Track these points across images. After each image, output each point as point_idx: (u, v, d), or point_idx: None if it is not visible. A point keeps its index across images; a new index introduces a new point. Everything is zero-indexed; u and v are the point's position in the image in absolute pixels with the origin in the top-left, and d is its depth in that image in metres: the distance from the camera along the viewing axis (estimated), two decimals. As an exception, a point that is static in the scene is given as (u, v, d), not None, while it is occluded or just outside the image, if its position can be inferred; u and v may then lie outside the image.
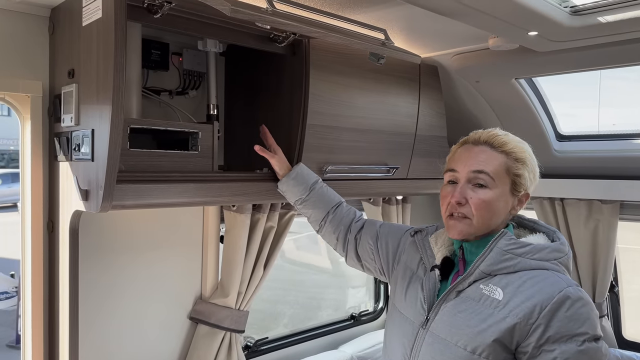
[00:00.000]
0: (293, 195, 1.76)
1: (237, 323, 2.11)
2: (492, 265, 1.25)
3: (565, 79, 2.52)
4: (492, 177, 1.28)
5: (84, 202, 1.48)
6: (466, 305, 1.26)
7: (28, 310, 1.71)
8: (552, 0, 1.55)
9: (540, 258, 1.24)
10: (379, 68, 2.08)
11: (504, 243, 1.25)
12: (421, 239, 1.47)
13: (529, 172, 1.32)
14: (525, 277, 1.22)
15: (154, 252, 1.97)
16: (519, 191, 1.32)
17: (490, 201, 1.28)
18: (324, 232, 1.75)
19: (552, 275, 1.21)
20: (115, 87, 1.35)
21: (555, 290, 1.17)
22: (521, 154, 1.32)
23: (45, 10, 1.67)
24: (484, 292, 1.24)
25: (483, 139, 1.33)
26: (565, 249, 1.28)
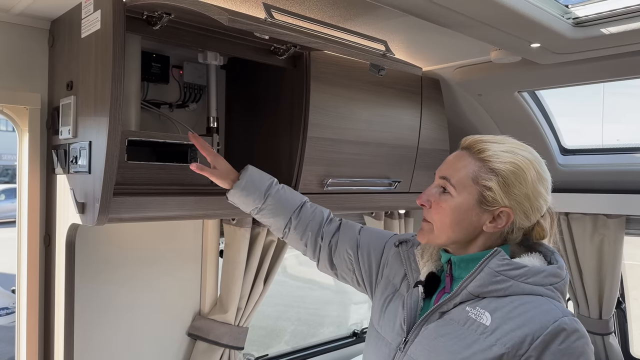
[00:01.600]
0: (246, 207, 1.53)
1: (237, 340, 2.07)
2: (482, 286, 1.12)
3: (569, 95, 2.51)
4: (453, 185, 1.17)
5: (81, 215, 1.46)
6: (449, 329, 1.14)
7: (23, 325, 1.68)
8: (554, 12, 1.53)
9: (535, 282, 1.11)
10: (381, 81, 2.07)
11: (496, 263, 1.12)
12: (406, 250, 1.34)
13: (503, 186, 1.14)
14: (517, 303, 1.09)
15: (152, 267, 1.94)
16: (489, 205, 1.15)
17: (449, 209, 1.17)
18: (290, 239, 1.56)
19: (547, 303, 1.09)
20: (112, 98, 1.33)
21: (549, 319, 1.05)
22: (499, 164, 1.14)
23: (45, 22, 1.67)
24: (470, 315, 1.12)
25: (467, 143, 1.22)
26: (563, 273, 1.16)
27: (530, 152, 1.19)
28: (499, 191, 1.14)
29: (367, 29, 1.73)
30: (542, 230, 1.21)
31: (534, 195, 1.15)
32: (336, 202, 1.99)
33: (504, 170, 1.14)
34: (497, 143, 1.18)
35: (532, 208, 1.16)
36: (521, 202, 1.15)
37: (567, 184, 2.54)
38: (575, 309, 2.75)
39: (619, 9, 1.51)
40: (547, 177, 1.19)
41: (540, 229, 1.21)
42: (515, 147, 1.18)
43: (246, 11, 1.59)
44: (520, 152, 1.17)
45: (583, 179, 2.50)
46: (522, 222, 1.18)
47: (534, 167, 1.16)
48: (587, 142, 2.59)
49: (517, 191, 1.14)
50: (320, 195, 1.91)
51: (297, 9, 1.56)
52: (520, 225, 1.19)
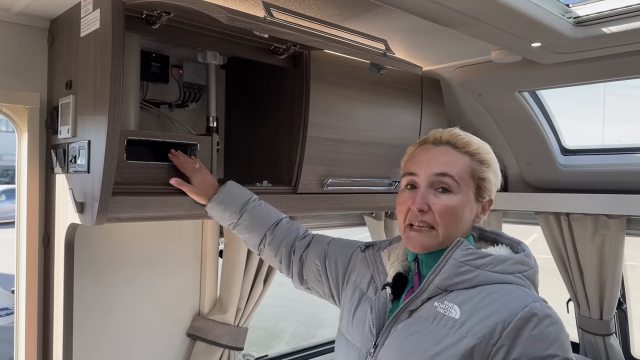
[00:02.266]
0: (223, 221, 1.55)
1: (236, 340, 2.06)
2: (448, 279, 1.09)
3: (570, 96, 2.50)
4: (456, 181, 1.13)
5: (80, 214, 1.45)
6: (419, 327, 1.09)
7: (22, 325, 1.67)
8: (555, 11, 1.53)
9: (502, 271, 1.09)
10: (381, 80, 2.06)
11: (460, 254, 1.09)
12: (372, 254, 1.30)
13: (494, 175, 1.19)
14: (485, 293, 1.06)
15: (151, 267, 1.94)
16: (483, 197, 1.18)
17: (455, 208, 1.13)
18: (265, 256, 1.56)
19: (516, 290, 1.06)
20: (111, 98, 1.33)
21: (519, 306, 1.02)
22: (486, 155, 1.18)
23: (44, 22, 1.67)
24: (439, 310, 1.08)
25: (445, 139, 1.18)
26: (531, 261, 1.14)
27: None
28: (492, 181, 1.18)
29: (367, 28, 1.72)
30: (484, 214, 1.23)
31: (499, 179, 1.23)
32: (336, 202, 1.98)
33: (492, 161, 1.19)
34: (470, 135, 1.22)
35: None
36: (497, 187, 1.22)
37: (567, 184, 2.53)
38: (576, 309, 2.74)
39: (620, 8, 1.50)
40: None
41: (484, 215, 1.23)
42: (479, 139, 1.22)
43: (246, 10, 1.59)
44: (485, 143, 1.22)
45: (584, 179, 2.49)
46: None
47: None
48: (588, 143, 2.58)
49: (497, 179, 1.21)
50: (321, 195, 1.91)
51: (297, 8, 1.56)
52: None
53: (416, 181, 1.16)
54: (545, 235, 2.68)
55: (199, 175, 1.53)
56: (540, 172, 2.60)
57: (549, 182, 2.60)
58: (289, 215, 2.16)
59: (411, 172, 1.18)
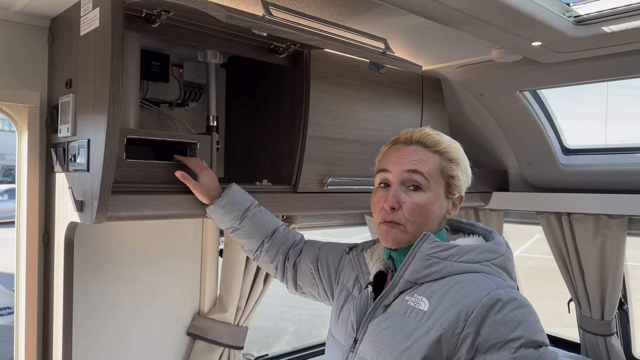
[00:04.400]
0: (222, 224, 1.57)
1: (236, 339, 2.06)
2: (416, 272, 1.13)
3: (571, 96, 2.50)
4: (426, 178, 1.17)
5: (79, 213, 1.46)
6: (391, 321, 1.13)
7: (22, 324, 1.68)
8: (555, 10, 1.52)
9: (468, 260, 1.12)
10: (381, 80, 2.06)
11: (426, 247, 1.13)
12: (356, 255, 1.35)
13: (462, 172, 1.22)
14: (452, 283, 1.09)
15: (152, 266, 1.94)
16: (453, 194, 1.22)
17: (424, 205, 1.17)
18: (261, 262, 1.59)
19: (481, 278, 1.09)
20: (111, 96, 1.33)
21: (482, 293, 1.05)
22: (455, 153, 1.22)
23: (44, 21, 1.67)
24: (409, 303, 1.12)
25: (415, 138, 1.22)
26: (501, 249, 1.16)
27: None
28: (461, 178, 1.22)
29: (367, 27, 1.72)
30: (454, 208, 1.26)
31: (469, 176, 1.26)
32: (336, 202, 1.98)
33: (461, 160, 1.23)
34: (440, 134, 1.25)
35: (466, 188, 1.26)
36: (467, 184, 1.25)
37: (568, 183, 2.52)
38: (577, 309, 2.73)
39: (621, 7, 1.50)
40: None
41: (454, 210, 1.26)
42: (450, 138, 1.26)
43: (245, 9, 1.59)
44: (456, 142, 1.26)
45: (585, 178, 2.49)
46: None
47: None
48: (591, 143, 2.58)
49: (468, 177, 1.25)
50: (321, 194, 1.91)
51: (297, 7, 1.56)
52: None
53: (388, 178, 1.21)
54: (546, 235, 2.68)
55: (207, 173, 1.54)
56: (541, 171, 2.60)
57: (550, 181, 2.59)
58: (287, 215, 2.18)
59: (384, 169, 1.23)
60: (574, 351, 2.74)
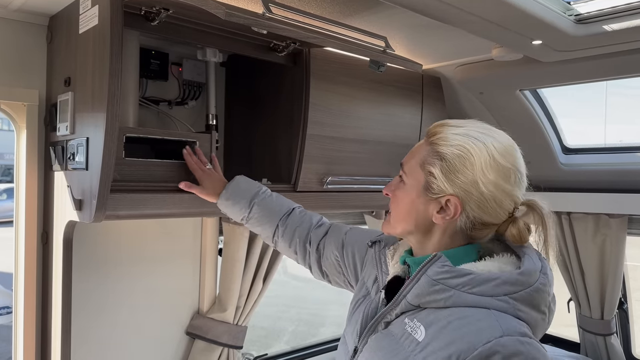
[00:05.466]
0: (234, 216, 1.53)
1: (235, 339, 2.06)
2: (420, 296, 0.99)
3: (570, 95, 2.49)
4: (405, 172, 1.09)
5: (78, 212, 1.45)
6: (387, 342, 1.03)
7: (20, 323, 1.67)
8: (556, 8, 1.51)
9: (481, 292, 0.95)
10: (381, 78, 2.05)
11: (434, 270, 0.98)
12: (378, 251, 1.23)
13: (446, 172, 1.02)
14: (455, 317, 0.94)
15: (151, 265, 1.93)
16: (434, 193, 1.03)
17: (399, 197, 1.09)
18: (280, 247, 1.50)
19: (489, 317, 0.92)
20: (110, 94, 1.32)
21: (481, 339, 0.89)
22: (444, 148, 1.03)
23: (43, 18, 1.66)
24: (407, 328, 1.00)
25: (428, 129, 1.11)
26: (529, 279, 0.96)
27: (492, 136, 1.04)
28: (440, 177, 1.03)
29: (367, 25, 1.71)
30: (517, 231, 1.03)
31: (486, 184, 1.00)
32: (336, 201, 1.98)
33: (448, 154, 1.02)
34: (456, 126, 1.06)
35: (486, 200, 1.01)
36: (469, 191, 1.01)
37: (569, 183, 2.52)
38: (577, 309, 2.73)
39: (621, 5, 1.49)
40: (512, 167, 1.03)
41: (514, 230, 1.03)
42: (473, 130, 1.04)
43: (244, 7, 1.58)
44: (476, 134, 1.03)
45: (585, 178, 2.48)
46: (481, 216, 1.03)
47: (489, 151, 1.01)
48: (590, 143, 2.57)
49: (462, 178, 1.01)
50: (320, 193, 1.90)
51: (297, 4, 1.55)
52: (480, 220, 1.03)
53: None
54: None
55: (207, 178, 1.54)
56: (541, 171, 2.59)
57: (550, 181, 2.58)
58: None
59: None
60: (574, 351, 2.73)
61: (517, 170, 1.05)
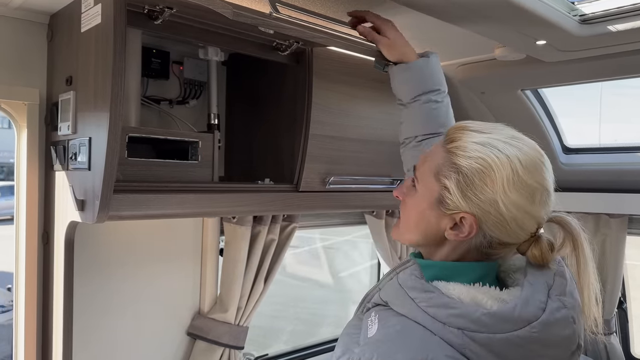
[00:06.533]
0: (395, 89, 1.39)
1: (237, 339, 2.04)
2: (386, 296, 0.97)
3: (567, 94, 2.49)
4: (417, 177, 1.01)
5: (80, 212, 1.43)
6: (353, 329, 1.00)
7: (21, 324, 1.66)
8: (560, 8, 1.51)
9: (435, 315, 0.87)
10: (383, 78, 2.04)
11: (403, 276, 0.96)
12: None
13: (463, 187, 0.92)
14: (400, 326, 0.90)
15: (151, 265, 1.92)
16: (447, 208, 0.94)
17: (409, 205, 1.02)
18: (403, 152, 1.41)
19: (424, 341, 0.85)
20: (113, 94, 1.30)
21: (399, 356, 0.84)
22: (463, 159, 0.93)
23: (43, 17, 1.64)
24: (368, 321, 0.96)
25: (447, 131, 1.01)
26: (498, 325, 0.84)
27: (517, 147, 0.94)
28: (456, 193, 0.93)
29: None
30: (539, 252, 0.94)
31: (506, 203, 0.91)
32: (338, 201, 1.97)
33: (466, 167, 0.92)
34: (477, 132, 0.96)
35: (506, 221, 0.92)
36: (487, 210, 0.91)
37: (569, 183, 2.52)
38: (577, 308, 2.73)
39: (627, 6, 1.49)
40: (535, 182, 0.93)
41: (537, 250, 0.94)
42: (496, 139, 0.94)
43: (248, 5, 1.57)
44: (499, 144, 0.92)
45: (585, 178, 2.48)
46: (499, 236, 0.94)
47: (513, 166, 0.91)
48: (584, 142, 2.58)
49: (480, 196, 0.91)
50: (322, 193, 1.89)
51: (302, 4, 1.54)
52: (498, 240, 0.94)
53: None
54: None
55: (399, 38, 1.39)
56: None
57: (550, 180, 2.59)
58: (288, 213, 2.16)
59: None
60: (573, 350, 2.74)
61: (543, 188, 0.96)
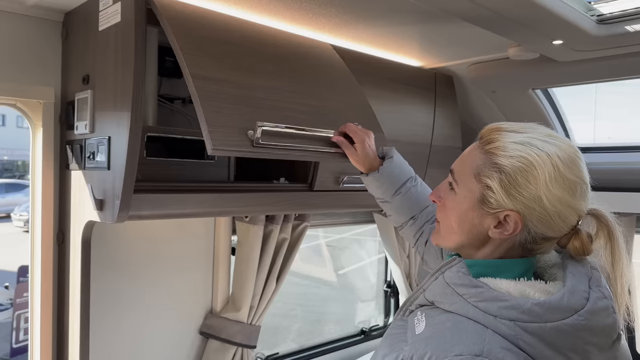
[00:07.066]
0: (373, 193, 1.47)
1: (249, 338, 2.04)
2: (433, 295, 1.00)
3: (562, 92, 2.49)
4: (455, 180, 1.03)
5: (99, 212, 1.43)
6: (399, 330, 1.04)
7: (37, 324, 1.65)
8: (579, 8, 1.51)
9: (485, 309, 0.90)
10: (395, 77, 2.05)
11: (449, 274, 0.98)
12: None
13: (506, 186, 0.95)
14: (451, 322, 0.93)
15: (163, 264, 1.91)
16: (491, 207, 0.97)
17: (449, 207, 1.04)
18: (403, 232, 1.48)
19: (478, 335, 0.88)
20: (134, 93, 1.30)
21: (455, 350, 0.86)
22: (504, 158, 0.96)
23: (58, 15, 1.63)
24: (415, 321, 1.01)
25: (482, 132, 1.04)
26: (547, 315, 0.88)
27: (555, 145, 0.96)
28: (499, 191, 0.95)
29: (382, 23, 1.69)
30: (580, 244, 0.97)
31: (550, 199, 0.93)
32: (351, 200, 1.96)
33: (508, 166, 0.95)
34: (514, 132, 0.98)
35: (550, 216, 0.94)
36: (531, 207, 0.94)
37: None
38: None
39: (645, 6, 1.49)
40: (577, 179, 0.96)
41: (577, 243, 0.97)
42: (535, 138, 0.97)
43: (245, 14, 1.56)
44: (538, 143, 0.95)
45: (594, 176, 2.46)
46: (542, 232, 0.96)
47: (554, 163, 0.94)
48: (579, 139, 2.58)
49: (524, 193, 0.94)
50: (336, 193, 1.89)
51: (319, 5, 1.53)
52: (543, 235, 0.97)
53: None
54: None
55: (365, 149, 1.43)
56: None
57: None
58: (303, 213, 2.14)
59: None
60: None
61: (583, 182, 0.98)
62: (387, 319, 3.05)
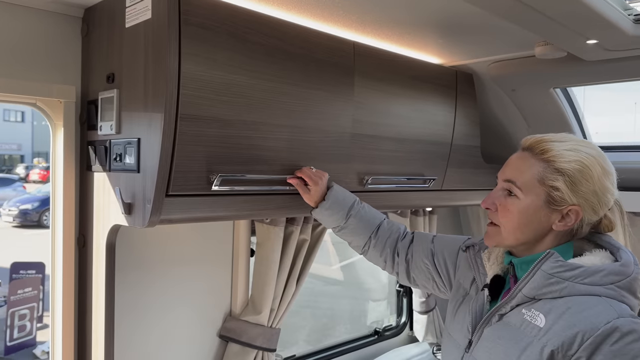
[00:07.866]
0: (329, 224, 1.64)
1: (270, 341, 2.00)
2: (536, 289, 1.13)
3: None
4: (519, 187, 1.19)
5: (127, 216, 1.38)
6: (506, 332, 1.16)
7: (58, 328, 1.60)
8: (617, 7, 1.48)
9: (592, 282, 1.09)
10: (418, 75, 2.01)
11: (549, 265, 1.12)
12: (473, 255, 1.37)
13: (570, 185, 1.15)
14: (571, 303, 1.09)
15: (184, 267, 1.87)
16: (557, 205, 1.16)
17: (515, 211, 1.19)
18: (369, 257, 1.65)
19: (603, 303, 1.07)
20: (168, 93, 1.25)
21: (601, 321, 1.03)
22: (564, 164, 1.15)
23: (78, 10, 1.57)
24: (526, 317, 1.13)
25: (528, 144, 1.22)
26: (628, 270, 1.11)
27: (592, 147, 1.20)
28: (566, 190, 1.15)
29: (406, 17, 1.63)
30: (609, 222, 1.22)
31: (601, 190, 1.16)
32: (374, 201, 1.91)
33: (570, 170, 1.15)
34: (559, 142, 1.19)
35: (600, 203, 1.17)
36: (589, 199, 1.16)
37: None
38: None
39: (683, 5, 1.47)
40: (612, 171, 1.20)
41: (607, 222, 1.22)
42: (577, 145, 1.19)
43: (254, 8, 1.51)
44: (583, 149, 1.18)
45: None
46: (590, 218, 1.19)
47: (599, 162, 1.17)
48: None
49: (584, 189, 1.15)
50: (361, 193, 1.85)
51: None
52: (589, 221, 1.19)
53: (498, 184, 1.27)
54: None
55: (320, 185, 1.60)
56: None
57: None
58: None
59: (497, 176, 1.28)
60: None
61: (615, 173, 1.22)
62: (399, 318, 3.02)
